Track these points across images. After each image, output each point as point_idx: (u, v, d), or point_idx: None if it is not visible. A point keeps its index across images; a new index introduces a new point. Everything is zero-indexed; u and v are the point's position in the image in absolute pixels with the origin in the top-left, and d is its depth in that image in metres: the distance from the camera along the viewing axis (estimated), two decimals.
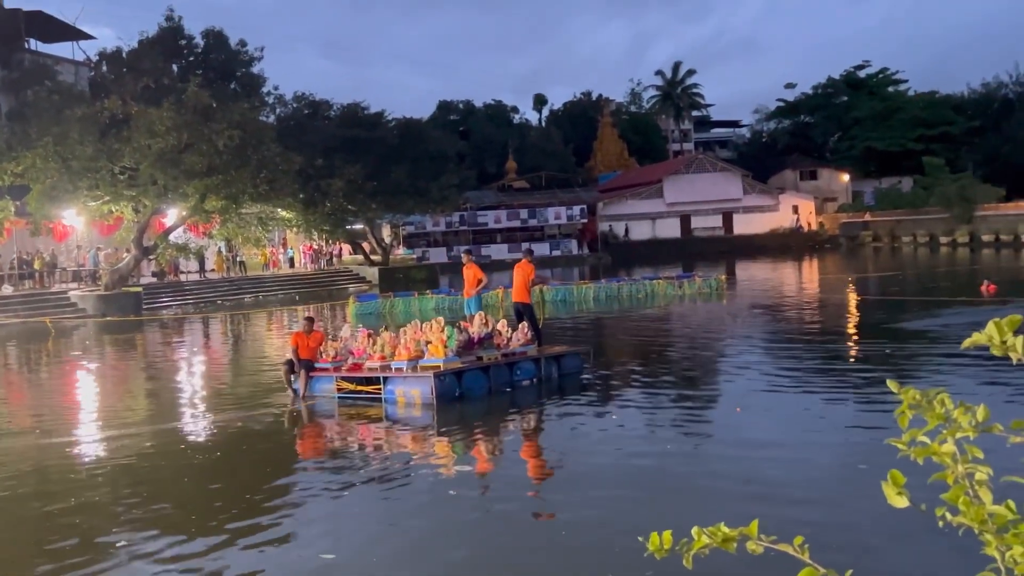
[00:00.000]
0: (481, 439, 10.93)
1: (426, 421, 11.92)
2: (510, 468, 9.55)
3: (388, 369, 13.11)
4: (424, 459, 9.95)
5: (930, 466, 1.59)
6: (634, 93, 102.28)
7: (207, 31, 43.87)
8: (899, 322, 19.65)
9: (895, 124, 79.67)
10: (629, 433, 10.53)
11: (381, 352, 13.41)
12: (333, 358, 14.00)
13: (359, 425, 12.22)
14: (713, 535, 1.70)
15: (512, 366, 13.68)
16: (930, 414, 1.58)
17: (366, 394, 13.20)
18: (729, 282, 34.35)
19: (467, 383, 12.89)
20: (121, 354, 23.66)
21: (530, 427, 11.62)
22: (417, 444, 10.89)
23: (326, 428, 12.44)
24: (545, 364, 14.02)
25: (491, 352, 13.54)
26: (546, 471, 9.39)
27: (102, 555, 7.15)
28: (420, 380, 12.68)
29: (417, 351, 13.13)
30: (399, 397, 12.88)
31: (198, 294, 40.69)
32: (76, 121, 32.66)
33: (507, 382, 13.48)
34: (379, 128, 49.55)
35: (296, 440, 11.91)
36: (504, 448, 10.56)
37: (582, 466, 9.14)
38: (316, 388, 13.80)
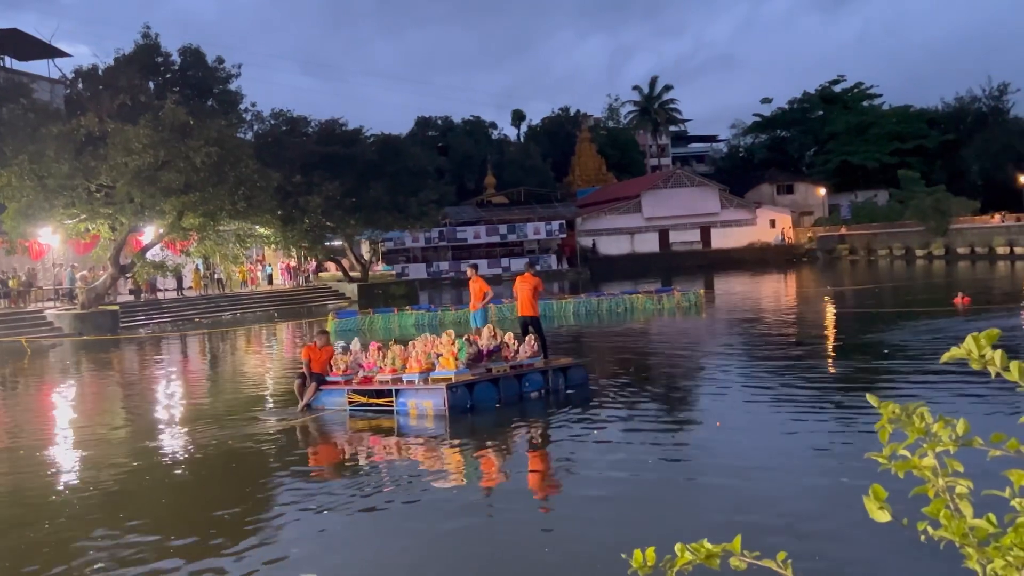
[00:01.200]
0: (491, 451, 11.03)
1: (438, 432, 12.08)
2: (515, 481, 9.59)
3: (400, 382, 13.34)
4: (431, 471, 10.04)
5: (911, 480, 1.60)
6: (612, 108, 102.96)
7: (184, 48, 43.69)
8: (876, 335, 19.78)
9: (870, 138, 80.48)
10: (632, 446, 10.61)
11: (392, 365, 13.60)
12: (344, 371, 14.16)
13: (370, 437, 12.33)
14: (696, 551, 1.70)
15: (521, 378, 13.91)
16: (910, 428, 1.59)
17: (378, 406, 13.37)
18: (708, 296, 34.48)
19: (478, 395, 13.15)
20: (99, 373, 23.44)
21: (538, 439, 11.71)
22: (428, 456, 11.01)
23: (336, 441, 12.55)
24: (552, 376, 14.28)
25: (500, 364, 13.84)
26: (549, 485, 9.44)
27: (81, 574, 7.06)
28: (432, 392, 12.95)
29: (428, 364, 13.34)
30: (411, 409, 13.12)
31: (176, 312, 40.40)
32: (52, 139, 32.42)
33: (516, 394, 13.70)
34: (357, 144, 49.48)
35: (297, 454, 11.85)
36: (510, 460, 10.66)
37: (585, 480, 9.20)
38: (328, 401, 13.97)
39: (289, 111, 49.95)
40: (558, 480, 9.59)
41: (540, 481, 9.60)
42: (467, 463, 10.48)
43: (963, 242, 56.08)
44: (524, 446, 11.45)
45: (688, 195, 71.19)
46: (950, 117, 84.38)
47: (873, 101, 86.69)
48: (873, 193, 77.72)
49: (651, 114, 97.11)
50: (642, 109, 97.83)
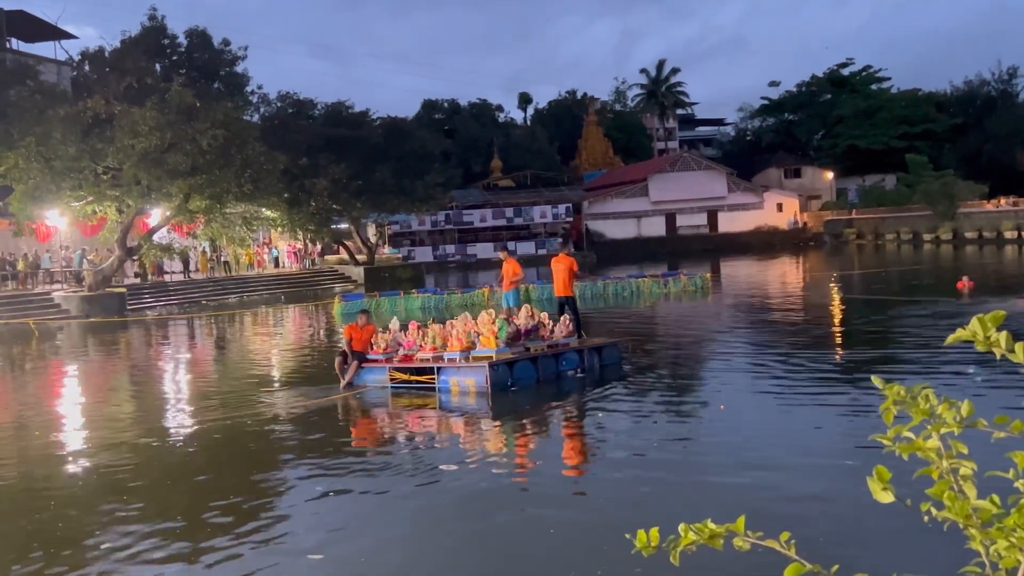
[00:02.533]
0: (529, 429, 11.36)
1: (480, 409, 12.42)
2: (549, 460, 9.70)
3: (441, 360, 13.61)
4: (470, 449, 10.26)
5: (915, 462, 1.60)
6: (619, 92, 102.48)
7: (190, 30, 43.61)
8: (882, 318, 19.75)
9: (878, 122, 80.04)
10: (666, 424, 10.87)
11: (433, 344, 13.84)
12: (384, 350, 14.35)
13: (411, 414, 12.64)
14: (700, 531, 1.70)
15: (558, 357, 14.25)
16: (915, 410, 1.59)
17: (419, 384, 13.63)
18: (714, 280, 34.45)
19: (518, 373, 13.47)
20: (106, 355, 23.53)
21: (575, 418, 11.94)
22: (468, 433, 11.32)
23: (378, 417, 12.92)
24: (588, 355, 14.57)
25: (537, 343, 14.19)
26: (580, 464, 9.59)
27: (87, 557, 7.11)
28: (474, 370, 13.24)
29: (468, 342, 13.60)
30: (453, 386, 13.36)
31: (182, 294, 40.49)
32: (59, 121, 32.44)
33: (553, 372, 14.04)
34: (364, 127, 49.44)
35: (325, 433, 11.94)
36: (547, 439, 10.91)
37: (617, 458, 9.31)
38: (369, 378, 14.25)
39: (295, 94, 49.89)
40: (590, 459, 9.71)
41: (572, 460, 9.74)
42: (507, 441, 10.76)
43: (971, 226, 55.89)
44: (561, 424, 11.65)
45: (695, 179, 70.94)
46: (959, 101, 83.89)
47: (881, 85, 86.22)
48: (881, 177, 77.39)
49: (658, 97, 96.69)
50: (649, 92, 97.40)
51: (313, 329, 27.70)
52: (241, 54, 44.97)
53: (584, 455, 9.95)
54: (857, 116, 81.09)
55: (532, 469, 9.33)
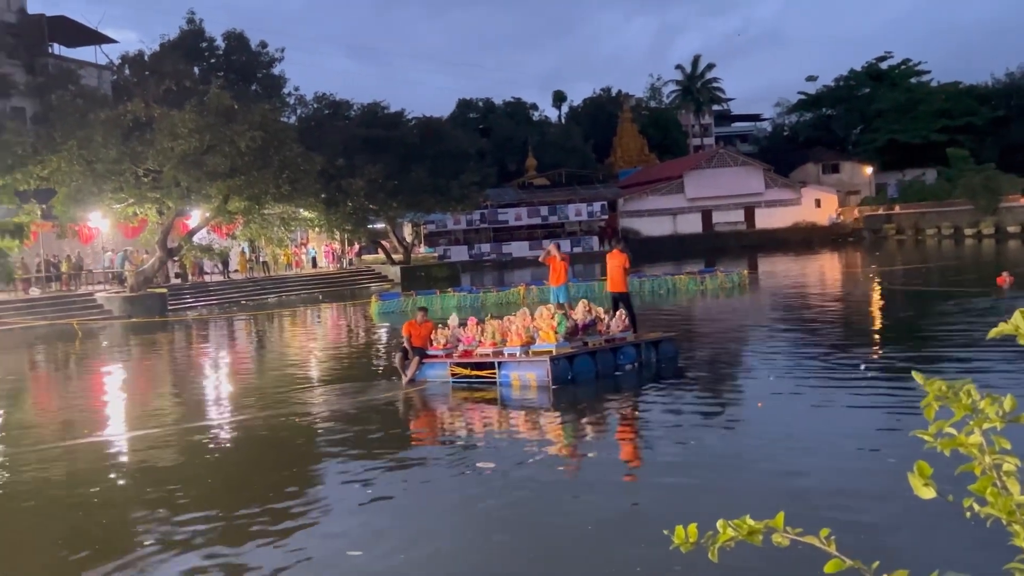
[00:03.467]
0: (588, 423, 11.51)
1: (541, 403, 12.57)
2: (604, 453, 9.84)
3: (501, 355, 13.82)
4: (530, 442, 10.39)
5: (957, 458, 1.59)
6: (654, 88, 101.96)
7: (228, 33, 44.16)
8: (921, 314, 19.51)
9: (918, 116, 78.95)
10: (719, 420, 10.96)
11: (492, 339, 14.03)
12: (443, 345, 14.60)
13: (471, 408, 12.81)
14: (739, 527, 1.71)
15: (615, 351, 14.41)
16: (956, 405, 1.58)
17: (480, 378, 13.85)
18: (752, 277, 34.20)
19: (577, 367, 13.63)
20: (149, 354, 23.85)
21: (633, 412, 12.05)
22: (530, 427, 11.45)
23: (440, 411, 13.06)
24: (645, 349, 14.80)
25: (595, 338, 14.35)
26: (633, 459, 9.67)
27: (132, 549, 7.21)
28: (535, 364, 13.45)
29: (528, 337, 13.79)
30: (514, 380, 13.58)
31: (222, 295, 40.93)
32: (100, 124, 32.92)
33: (611, 366, 14.15)
34: (399, 127, 49.70)
35: (408, 424, 12.50)
36: (605, 432, 11.06)
37: (669, 454, 9.38)
38: (430, 374, 14.46)
39: (332, 95, 50.32)
40: (643, 455, 9.73)
41: (627, 456, 9.82)
42: (566, 435, 10.91)
43: (1013, 221, 54.99)
44: (619, 419, 11.77)
45: (732, 175, 70.46)
46: (1000, 93, 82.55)
47: (921, 78, 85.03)
48: (921, 171, 76.36)
49: (694, 93, 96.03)
50: (685, 89, 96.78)
51: (352, 328, 27.89)
52: (278, 56, 45.49)
53: (638, 451, 9.99)
54: (896, 110, 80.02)
55: (587, 463, 9.35)
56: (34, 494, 9.31)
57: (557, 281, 17.22)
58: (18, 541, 7.93)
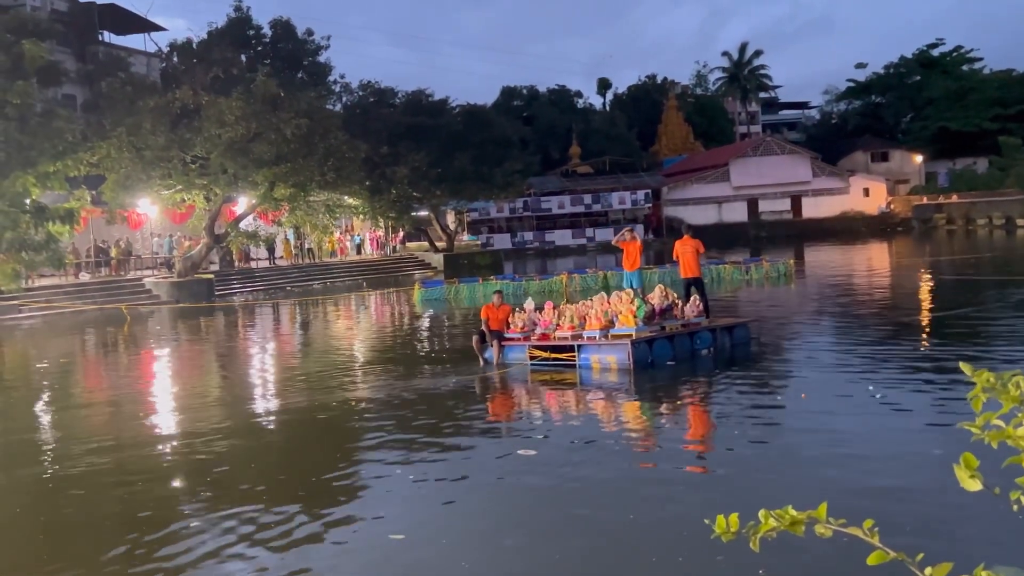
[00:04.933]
0: (667, 406, 11.63)
1: (622, 385, 12.83)
2: (672, 439, 9.91)
3: (580, 337, 14.06)
4: (601, 430, 10.42)
5: (1005, 450, 1.57)
6: (700, 75, 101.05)
7: (275, 21, 44.46)
8: (971, 306, 19.19)
9: (970, 104, 77.44)
10: (803, 409, 10.79)
11: (571, 323, 14.25)
12: (521, 328, 14.82)
13: (553, 390, 12.93)
14: (781, 518, 1.70)
15: (692, 336, 14.64)
16: (1005, 396, 1.56)
17: (559, 361, 14.10)
18: (798, 267, 33.84)
19: (656, 351, 13.87)
20: (199, 339, 24.19)
21: (710, 397, 12.07)
22: (610, 408, 11.75)
23: (521, 393, 13.20)
24: (720, 334, 15.02)
25: (672, 322, 14.61)
26: (705, 447, 9.69)
27: (175, 535, 7.33)
28: (616, 347, 13.70)
29: (607, 321, 14.00)
30: (594, 363, 13.81)
31: (268, 280, 41.38)
32: (148, 112, 33.38)
33: (688, 350, 14.37)
34: (443, 115, 49.79)
35: (487, 404, 12.64)
36: (682, 417, 11.17)
37: (738, 443, 9.34)
38: (509, 356, 14.76)
39: (377, 82, 50.53)
40: (715, 443, 9.73)
41: (698, 443, 9.86)
42: (645, 420, 11.04)
43: None
44: (698, 404, 11.80)
45: (778, 163, 69.67)
46: None
47: (973, 65, 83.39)
48: (972, 160, 74.94)
49: (740, 81, 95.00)
50: (731, 76, 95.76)
51: (397, 314, 28.05)
52: (324, 44, 45.73)
53: (710, 438, 10.02)
54: (948, 98, 78.56)
55: (657, 451, 9.36)
56: (82, 479, 9.50)
57: (632, 266, 17.43)
58: (68, 523, 8.09)
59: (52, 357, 21.02)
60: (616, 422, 10.97)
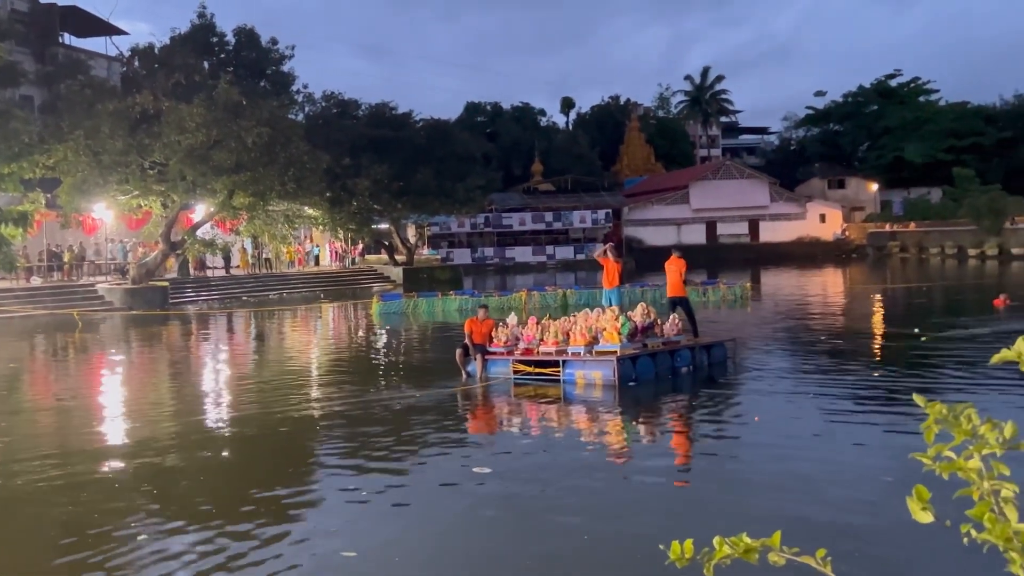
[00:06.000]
0: (648, 422, 11.94)
1: (607, 401, 13.08)
2: (647, 454, 10.08)
3: (564, 353, 14.21)
4: (585, 440, 10.61)
5: (956, 481, 1.59)
6: (662, 98, 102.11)
7: (239, 29, 44.19)
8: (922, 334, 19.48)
9: (925, 134, 78.96)
10: (761, 431, 10.93)
11: (555, 338, 14.41)
12: (504, 343, 14.93)
13: (532, 404, 13.06)
14: (735, 545, 1.70)
15: (673, 353, 14.91)
16: (957, 429, 1.58)
17: (543, 376, 14.27)
18: (754, 290, 34.16)
19: (639, 368, 14.13)
20: (149, 347, 23.84)
21: (692, 414, 12.31)
22: (592, 423, 11.89)
23: (502, 406, 13.25)
24: (698, 352, 15.32)
25: (654, 340, 14.86)
26: (684, 462, 9.85)
27: (118, 549, 7.20)
28: (601, 364, 13.89)
29: (591, 337, 14.17)
30: (579, 379, 13.99)
31: (223, 290, 40.93)
32: (107, 115, 32.95)
33: (669, 368, 14.68)
34: (406, 128, 49.68)
35: (468, 419, 12.68)
36: (660, 434, 11.31)
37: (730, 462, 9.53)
38: (492, 370, 14.86)
39: (340, 93, 50.35)
40: (690, 457, 9.91)
41: (673, 457, 10.04)
42: (627, 435, 11.17)
43: (1017, 243, 54.92)
44: (679, 421, 12.02)
45: (737, 187, 70.48)
46: (1008, 115, 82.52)
47: (930, 97, 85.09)
48: (926, 190, 76.32)
49: (702, 104, 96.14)
50: (693, 99, 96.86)
51: (355, 327, 27.87)
52: (288, 53, 45.53)
53: (683, 456, 10.15)
54: (904, 128, 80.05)
55: (629, 467, 9.42)
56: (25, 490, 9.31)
57: (610, 284, 17.72)
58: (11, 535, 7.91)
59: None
60: (592, 438, 11.02)
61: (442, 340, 22.87)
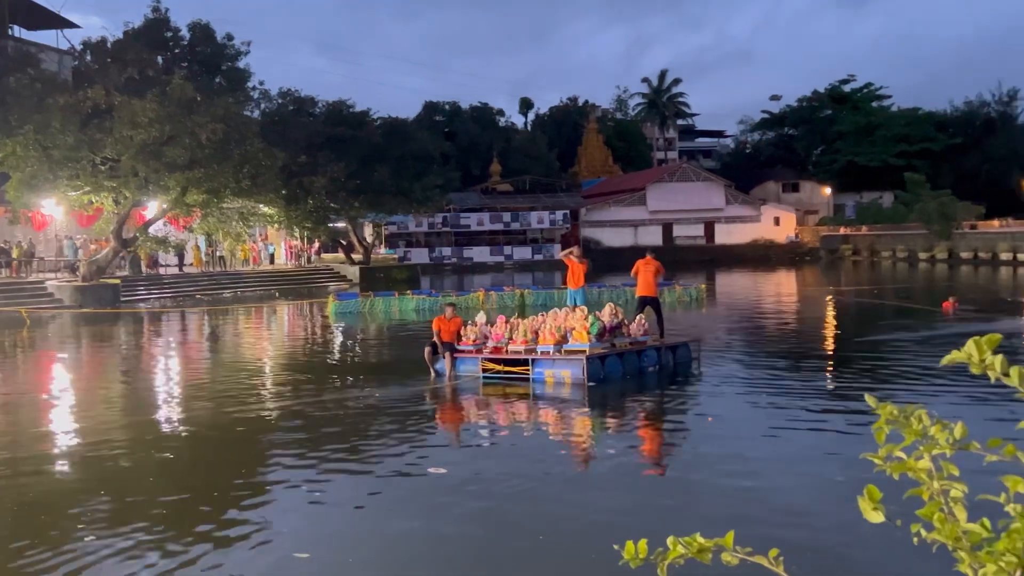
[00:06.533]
0: (613, 420, 12.18)
1: (576, 399, 13.17)
2: (610, 454, 10.05)
3: (534, 352, 14.34)
4: (541, 446, 10.49)
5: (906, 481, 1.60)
6: (620, 100, 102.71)
7: (194, 24, 43.58)
8: (872, 335, 19.78)
9: (877, 139, 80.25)
10: (715, 432, 11.06)
11: (524, 337, 14.52)
12: (473, 342, 14.94)
13: (502, 403, 13.17)
14: (688, 545, 1.70)
15: (640, 353, 15.08)
16: (907, 430, 1.59)
17: (512, 374, 14.33)
18: (709, 292, 34.45)
19: (608, 367, 14.28)
20: (99, 346, 23.46)
21: (654, 412, 12.58)
22: (561, 421, 12.02)
23: (472, 405, 13.34)
24: (664, 353, 15.56)
25: (622, 340, 15.03)
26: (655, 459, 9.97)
27: (68, 552, 7.07)
28: (571, 362, 14.03)
29: (560, 336, 14.29)
30: (548, 378, 14.11)
31: (176, 288, 40.40)
32: (58, 110, 32.37)
33: (636, 367, 14.84)
34: (364, 126, 49.40)
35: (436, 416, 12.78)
36: (628, 431, 11.47)
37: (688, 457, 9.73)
38: (461, 369, 14.87)
39: (297, 91, 49.89)
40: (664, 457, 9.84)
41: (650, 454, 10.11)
42: (593, 432, 11.29)
43: (967, 247, 55.96)
44: (645, 419, 12.16)
45: (693, 190, 71.07)
46: (958, 121, 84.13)
47: (882, 102, 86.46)
48: (878, 194, 77.58)
49: (659, 107, 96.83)
50: (650, 102, 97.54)
51: (310, 326, 27.66)
52: (244, 49, 44.94)
53: (649, 452, 10.26)
54: (857, 133, 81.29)
55: (593, 466, 9.45)
56: None
57: (576, 284, 17.95)
58: None
59: None
60: (559, 437, 11.06)
61: (399, 340, 22.77)
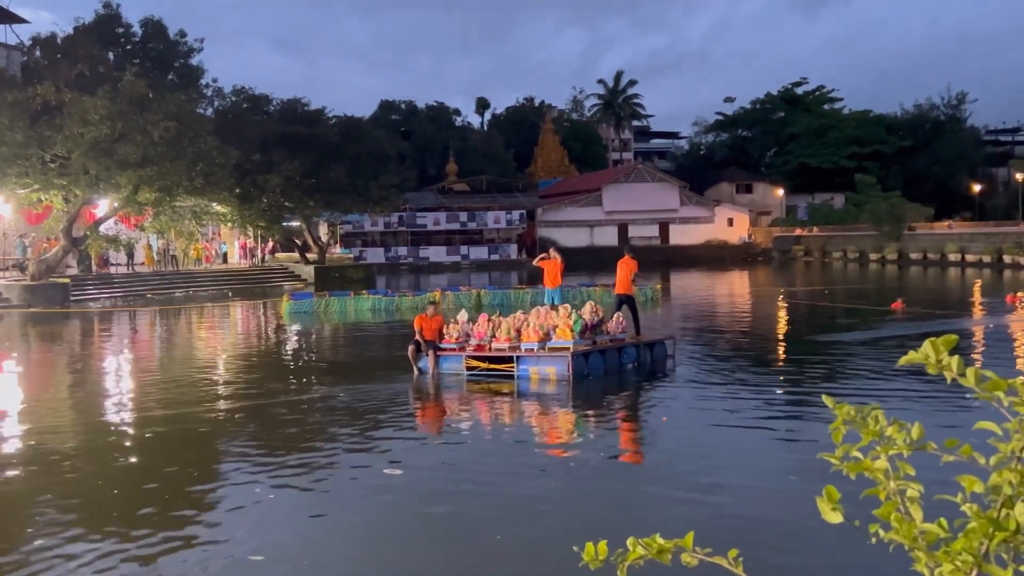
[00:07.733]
0: (597, 415, 12.37)
1: (560, 396, 13.40)
2: (594, 448, 10.30)
3: (518, 349, 14.51)
4: (531, 439, 10.82)
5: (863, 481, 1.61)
6: (576, 101, 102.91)
7: (146, 20, 42.93)
8: (825, 335, 20.03)
9: (829, 141, 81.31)
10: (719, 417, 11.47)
11: (507, 335, 14.68)
12: (455, 339, 15.06)
13: (486, 400, 13.31)
14: (648, 546, 1.70)
15: (620, 350, 15.46)
16: (865, 430, 1.60)
17: (496, 372, 14.51)
18: (664, 291, 34.68)
19: (591, 364, 14.62)
20: (49, 346, 23.04)
21: (631, 407, 13.04)
22: (548, 418, 12.22)
23: (452, 401, 13.57)
24: (642, 350, 16.01)
25: (602, 337, 15.37)
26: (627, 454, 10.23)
27: (20, 558, 6.93)
28: (555, 359, 14.30)
29: (544, 334, 14.52)
30: (532, 375, 14.32)
31: (127, 287, 39.79)
32: (7, 106, 31.76)
33: (616, 364, 15.22)
34: (319, 125, 49.01)
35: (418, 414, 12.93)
36: (611, 427, 11.72)
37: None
38: (444, 366, 15.02)
39: (251, 88, 49.37)
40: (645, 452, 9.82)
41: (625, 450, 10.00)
42: (578, 428, 11.50)
43: (916, 248, 56.89)
44: (624, 413, 12.60)
45: (648, 191, 71.46)
46: (908, 124, 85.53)
47: (834, 105, 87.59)
48: (830, 196, 78.59)
49: (615, 108, 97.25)
50: (606, 103, 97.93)
51: (263, 326, 27.40)
52: (197, 46, 44.34)
53: (608, 451, 10.25)
54: (809, 135, 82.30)
55: (567, 463, 9.39)
56: None
57: (553, 283, 18.50)
58: None
59: None
60: (537, 435, 11.17)
61: (355, 339, 22.64)
